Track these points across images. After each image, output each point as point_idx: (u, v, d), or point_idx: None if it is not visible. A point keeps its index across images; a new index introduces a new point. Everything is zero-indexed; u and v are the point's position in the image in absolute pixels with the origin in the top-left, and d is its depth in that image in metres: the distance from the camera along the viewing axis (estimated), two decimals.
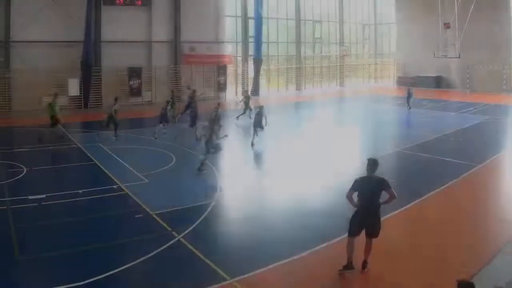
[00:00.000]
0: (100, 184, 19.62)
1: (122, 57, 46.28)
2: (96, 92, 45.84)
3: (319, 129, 34.76)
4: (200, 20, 52.07)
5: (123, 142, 28.75)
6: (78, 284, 11.07)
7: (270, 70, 60.89)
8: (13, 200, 17.26)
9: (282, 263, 12.36)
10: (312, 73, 64.87)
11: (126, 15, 46.96)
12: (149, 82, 49.27)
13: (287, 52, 63.26)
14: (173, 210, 16.33)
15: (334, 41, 68.34)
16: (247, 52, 58.21)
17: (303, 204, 17.62)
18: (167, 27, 50.41)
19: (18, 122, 37.49)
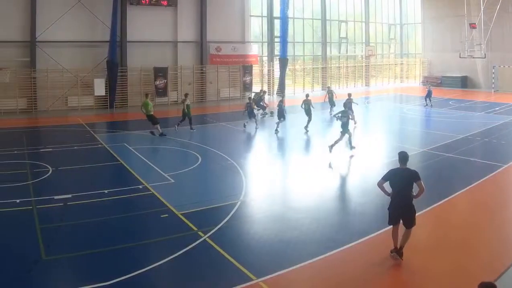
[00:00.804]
0: (126, 184, 19.29)
1: (147, 57, 45.62)
2: (122, 92, 44.87)
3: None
4: (226, 20, 51.04)
5: (149, 142, 28.19)
6: (104, 284, 10.88)
7: (296, 70, 59.51)
8: (39, 200, 16.93)
9: (308, 262, 12.06)
10: (338, 73, 62.91)
11: (152, 15, 46.03)
12: (175, 82, 48.14)
13: (312, 52, 61.85)
14: (199, 210, 15.94)
15: (360, 41, 66.69)
16: (273, 52, 56.81)
17: (329, 203, 17.31)
18: (192, 27, 49.23)
19: (44, 122, 36.82)
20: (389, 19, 69.90)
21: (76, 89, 42.44)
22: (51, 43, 41.05)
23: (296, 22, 58.40)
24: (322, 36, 61.48)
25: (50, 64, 41.01)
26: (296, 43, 59.14)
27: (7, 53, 38.78)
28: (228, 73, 51.54)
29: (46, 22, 40.49)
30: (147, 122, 29.95)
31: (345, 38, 64.11)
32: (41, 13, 40.52)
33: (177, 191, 18.40)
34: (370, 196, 17.24)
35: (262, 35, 56.69)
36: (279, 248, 13.02)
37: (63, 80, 41.69)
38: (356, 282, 11.24)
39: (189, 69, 48.92)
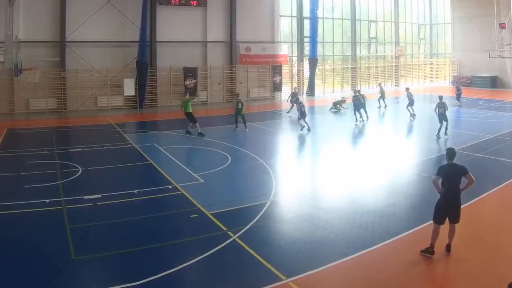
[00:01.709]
0: (156, 184, 18.83)
1: (177, 57, 44.27)
2: (151, 92, 43.65)
3: (373, 129, 32.33)
4: (255, 20, 49.40)
5: (178, 142, 27.58)
6: (133, 284, 10.67)
7: (326, 70, 57.53)
8: (69, 200, 16.59)
9: (338, 262, 11.77)
10: (368, 73, 61.01)
11: (181, 15, 44.71)
12: (205, 82, 46.72)
13: (342, 52, 60.05)
14: (228, 210, 15.58)
15: (390, 41, 64.39)
16: (303, 52, 54.98)
17: (358, 203, 16.77)
18: (222, 27, 47.68)
19: (73, 122, 36.23)
20: (419, 19, 67.46)
21: (106, 89, 41.42)
22: (81, 43, 40.04)
23: (325, 22, 56.49)
24: (351, 36, 59.41)
25: (79, 64, 40.02)
26: (326, 43, 57.21)
27: (37, 53, 37.52)
28: (257, 73, 50.05)
29: (76, 22, 39.58)
30: (177, 122, 29.93)
31: (375, 38, 61.93)
32: (71, 13, 39.62)
33: (206, 191, 17.95)
34: (399, 196, 17.21)
35: (292, 35, 54.97)
36: (308, 248, 12.72)
37: (93, 80, 40.69)
38: (387, 283, 10.91)
39: (219, 69, 47.50)
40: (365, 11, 60.50)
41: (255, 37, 49.45)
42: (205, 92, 46.32)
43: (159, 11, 43.59)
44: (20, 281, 10.95)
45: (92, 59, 40.37)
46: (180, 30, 44.60)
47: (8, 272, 11.34)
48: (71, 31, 39.57)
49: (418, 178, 19.77)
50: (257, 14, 49.63)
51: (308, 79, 53.91)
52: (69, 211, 15.49)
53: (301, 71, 54.56)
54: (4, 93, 38.02)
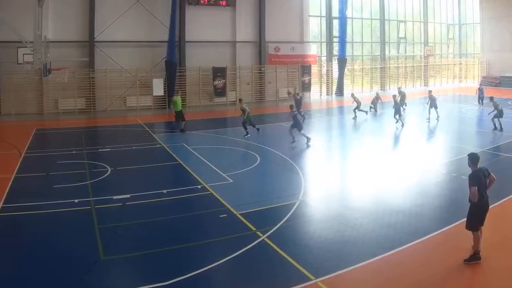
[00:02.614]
0: (185, 184, 18.43)
1: (206, 57, 42.90)
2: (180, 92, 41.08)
3: (402, 129, 30.55)
4: (284, 20, 47.51)
5: (207, 142, 26.85)
6: (162, 284, 10.40)
7: (354, 70, 55.57)
8: (98, 200, 16.22)
9: (367, 262, 11.37)
10: (396, 73, 58.64)
11: (210, 15, 43.27)
12: (234, 82, 45.05)
13: (371, 52, 57.74)
14: (257, 210, 15.14)
15: (419, 41, 61.88)
16: (332, 52, 52.88)
17: (387, 203, 16.12)
18: (251, 27, 45.94)
19: (102, 122, 35.35)
20: (448, 19, 64.69)
21: (135, 89, 40.07)
22: (110, 43, 38.81)
23: (354, 22, 54.47)
24: (380, 36, 57.03)
25: (108, 64, 38.79)
26: (355, 43, 55.24)
27: (66, 53, 36.48)
28: (286, 73, 48.25)
29: (105, 22, 38.42)
30: (206, 122, 29.27)
31: (404, 38, 59.46)
32: (100, 13, 38.50)
33: (235, 191, 17.48)
34: (428, 196, 16.55)
35: (321, 35, 53.01)
36: (337, 248, 12.36)
37: (122, 80, 39.43)
38: (416, 283, 10.52)
39: (248, 69, 45.83)
40: (394, 11, 58.01)
41: (284, 37, 47.69)
42: (234, 92, 44.83)
43: (188, 11, 42.25)
44: (50, 281, 10.64)
45: (121, 59, 39.15)
46: (209, 30, 43.22)
47: (38, 272, 11.01)
48: (100, 31, 38.41)
49: (447, 178, 19.02)
50: (286, 14, 47.79)
51: (337, 79, 51.90)
52: (98, 211, 15.12)
53: (330, 71, 52.56)
54: (33, 93, 37.11)
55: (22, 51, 31.63)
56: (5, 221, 14.46)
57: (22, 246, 12.61)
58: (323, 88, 52.01)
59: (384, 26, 57.04)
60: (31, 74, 35.56)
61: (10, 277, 10.83)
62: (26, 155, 23.20)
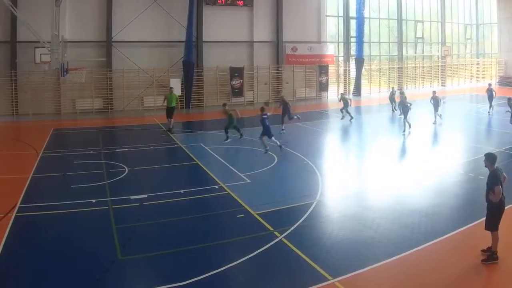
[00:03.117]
0: (202, 184, 18.09)
1: (223, 57, 41.90)
2: (198, 92, 41.12)
3: (419, 128, 29.62)
4: (301, 20, 46.31)
5: (225, 142, 25.59)
6: (179, 284, 10.20)
7: (372, 70, 53.99)
8: (115, 200, 15.91)
9: (384, 262, 11.18)
10: (414, 73, 57.23)
11: (228, 15, 42.31)
12: (251, 82, 43.90)
13: (388, 52, 56.25)
14: (275, 210, 14.83)
15: (436, 41, 60.17)
16: (349, 52, 51.49)
17: (404, 203, 15.78)
18: (268, 27, 44.75)
19: (119, 122, 34.67)
20: (465, 19, 62.94)
21: (152, 89, 39.09)
22: (127, 43, 38.01)
23: (372, 22, 52.99)
24: (398, 36, 55.50)
25: (126, 64, 37.96)
26: (372, 43, 53.70)
27: (84, 53, 35.57)
28: (304, 73, 46.95)
29: (122, 22, 37.66)
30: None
31: (421, 38, 57.79)
32: (117, 13, 37.72)
33: (253, 191, 17.11)
34: (445, 196, 16.28)
35: (338, 35, 51.54)
36: (355, 248, 12.10)
37: (139, 80, 38.53)
38: (434, 283, 10.27)
39: (265, 69, 44.59)
40: (411, 11, 56.66)
41: (301, 37, 46.46)
42: (252, 92, 43.86)
43: (205, 11, 41.27)
44: (67, 281, 10.44)
45: (138, 59, 38.36)
46: (226, 30, 42.22)
47: (56, 271, 10.85)
48: (117, 31, 37.59)
49: (464, 178, 18.57)
50: (303, 14, 46.55)
51: (355, 79, 50.58)
52: (115, 211, 14.86)
53: (347, 71, 51.27)
54: (51, 93, 36.36)
55: (39, 51, 31.42)
56: (23, 221, 14.10)
57: (39, 246, 12.33)
58: (340, 88, 50.48)
59: (401, 26, 55.52)
60: (48, 74, 34.86)
61: (28, 277, 10.60)
62: (43, 155, 22.70)
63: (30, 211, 14.85)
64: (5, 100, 35.29)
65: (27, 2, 33.62)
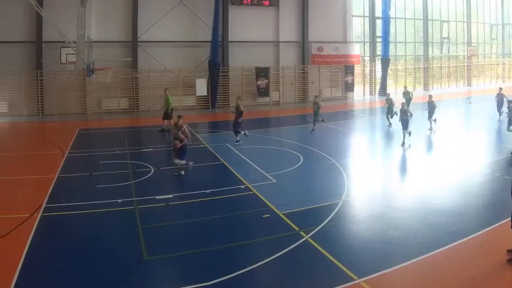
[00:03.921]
0: (228, 184, 17.32)
1: (249, 57, 40.05)
2: (223, 92, 39.31)
3: (444, 129, 28.23)
4: (327, 20, 44.09)
5: (250, 142, 24.65)
6: (205, 284, 9.80)
7: (398, 70, 51.61)
8: (141, 200, 15.35)
9: (410, 262, 10.71)
10: (440, 73, 54.65)
11: (254, 15, 40.48)
12: (277, 82, 41.86)
13: (414, 52, 53.77)
14: (300, 210, 14.31)
15: (462, 41, 57.44)
16: (375, 52, 49.14)
17: (430, 203, 15.11)
18: (294, 27, 42.70)
19: (145, 122, 33.29)
20: (491, 19, 59.89)
21: (178, 89, 37.23)
22: (153, 43, 36.47)
23: (397, 22, 50.56)
24: (424, 36, 52.97)
25: (151, 64, 36.42)
26: (398, 43, 51.24)
27: (109, 53, 33.93)
28: (330, 73, 44.79)
29: (148, 22, 36.13)
30: (249, 122, 27.21)
31: (447, 38, 55.08)
32: (143, 13, 36.19)
33: (278, 191, 16.43)
34: (471, 196, 15.66)
35: (364, 35, 49.26)
36: (380, 248, 11.64)
37: (165, 80, 36.75)
38: (459, 283, 9.89)
39: (291, 69, 42.53)
40: (437, 11, 54.01)
41: (327, 37, 44.28)
42: (277, 92, 41.92)
43: (231, 11, 39.52)
44: (93, 281, 10.08)
45: (164, 59, 36.78)
46: (252, 30, 40.39)
47: (82, 271, 10.48)
48: (143, 31, 36.03)
49: (490, 178, 17.77)
50: (329, 14, 44.33)
51: (381, 79, 48.24)
52: (141, 211, 14.33)
53: (373, 71, 48.94)
54: (76, 93, 35.06)
55: (65, 51, 30.10)
56: (48, 221, 13.58)
57: (65, 246, 11.89)
58: (366, 88, 48.48)
59: (427, 26, 52.90)
60: (74, 74, 33.63)
61: (54, 277, 10.25)
62: (69, 155, 21.86)
63: (55, 211, 14.33)
64: (31, 100, 34.13)
65: (52, 2, 32.54)
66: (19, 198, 15.77)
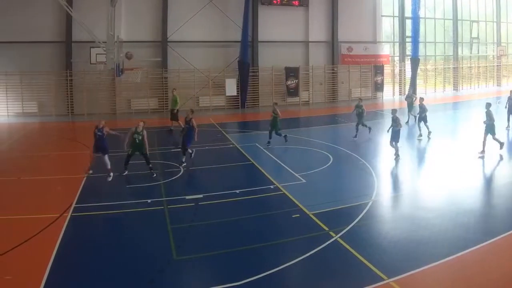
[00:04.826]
0: (257, 184, 16.68)
1: (278, 57, 37.81)
2: (253, 92, 37.17)
3: (472, 129, 26.44)
4: (357, 20, 41.45)
5: (280, 142, 23.05)
6: (235, 284, 9.28)
7: (427, 70, 48.89)
8: (170, 200, 14.76)
9: (439, 262, 9.99)
10: (469, 73, 51.59)
11: (283, 15, 38.11)
12: (306, 82, 39.50)
13: (444, 52, 50.66)
14: (330, 210, 13.56)
15: (491, 41, 54.17)
16: (404, 52, 46.30)
17: (460, 203, 14.23)
18: (324, 27, 40.17)
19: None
20: None
21: (208, 89, 35.40)
22: (182, 43, 34.45)
23: (427, 22, 47.64)
24: (453, 36, 49.89)
25: (181, 64, 34.40)
26: (428, 43, 48.28)
27: (139, 53, 31.52)
28: (359, 73, 42.21)
29: (177, 22, 34.21)
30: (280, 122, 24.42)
31: (477, 38, 51.82)
32: (172, 13, 34.25)
33: (308, 191, 15.65)
34: (500, 197, 14.97)
35: (394, 35, 46.37)
36: (410, 248, 11.01)
37: (194, 80, 34.89)
38: (488, 283, 9.30)
39: (321, 69, 40.01)
40: (467, 11, 50.61)
41: (356, 37, 41.63)
42: (307, 92, 39.61)
43: (260, 11, 37.26)
44: (123, 280, 9.61)
45: (193, 59, 34.76)
46: (281, 30, 38.13)
47: (112, 271, 10.01)
48: (172, 31, 34.09)
49: None
50: (358, 14, 41.68)
51: (410, 79, 45.03)
52: (170, 211, 13.76)
53: (403, 71, 46.06)
54: (106, 93, 33.33)
55: (95, 51, 28.47)
56: (78, 221, 13.06)
57: (94, 246, 11.43)
58: (395, 88, 45.79)
59: (457, 26, 49.66)
60: (103, 74, 31.85)
61: (83, 276, 9.81)
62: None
63: (85, 211, 13.79)
64: (60, 100, 32.50)
65: (82, 2, 31.05)
66: (49, 198, 14.94)
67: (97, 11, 29.39)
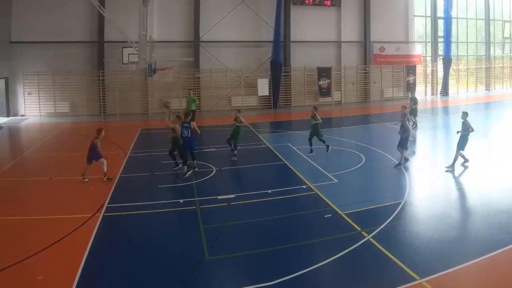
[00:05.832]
0: (289, 184, 15.59)
1: (311, 57, 35.33)
2: (285, 92, 34.66)
3: (504, 129, 25.90)
4: (389, 20, 38.60)
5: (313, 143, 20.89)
6: (267, 284, 8.78)
7: (459, 70, 45.70)
8: (203, 200, 13.88)
9: (472, 262, 9.44)
10: (502, 73, 48.15)
11: (315, 15, 35.57)
12: (339, 82, 36.84)
13: (476, 52, 47.19)
14: (362, 210, 12.62)
15: None
16: (437, 52, 43.17)
17: (492, 203, 13.16)
18: (356, 27, 37.48)
19: (207, 122, 29.45)
20: None
21: (240, 89, 33.18)
22: (215, 43, 32.23)
23: (459, 22, 44.36)
24: (485, 36, 46.43)
25: (213, 64, 32.16)
26: (460, 43, 45.07)
27: (172, 53, 30.22)
28: (391, 73, 39.35)
29: (210, 22, 32.07)
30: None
31: (509, 38, 47.98)
32: (205, 13, 32.18)
33: (340, 191, 14.76)
34: None
35: (426, 35, 43.26)
36: (442, 248, 10.17)
37: (226, 80, 32.68)
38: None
39: (353, 69, 37.33)
40: (499, 10, 47.04)
41: (389, 37, 38.79)
42: (339, 92, 36.99)
43: (293, 11, 34.77)
44: (154, 279, 9.03)
45: (225, 59, 32.54)
46: (313, 30, 35.66)
47: (144, 270, 9.38)
48: (205, 31, 31.87)
49: None
50: (390, 14, 38.76)
51: (442, 79, 42.32)
52: (203, 211, 13.05)
53: (435, 71, 42.92)
54: (138, 93, 31.41)
55: (127, 51, 26.51)
56: (111, 220, 12.47)
57: (126, 245, 10.80)
58: (428, 88, 42.79)
59: (489, 26, 46.09)
60: (136, 74, 29.93)
61: (115, 275, 9.28)
62: (131, 155, 19.99)
63: (117, 211, 13.21)
64: (93, 100, 30.64)
65: (114, 2, 29.33)
66: (81, 198, 14.34)
67: (129, 11, 27.84)
